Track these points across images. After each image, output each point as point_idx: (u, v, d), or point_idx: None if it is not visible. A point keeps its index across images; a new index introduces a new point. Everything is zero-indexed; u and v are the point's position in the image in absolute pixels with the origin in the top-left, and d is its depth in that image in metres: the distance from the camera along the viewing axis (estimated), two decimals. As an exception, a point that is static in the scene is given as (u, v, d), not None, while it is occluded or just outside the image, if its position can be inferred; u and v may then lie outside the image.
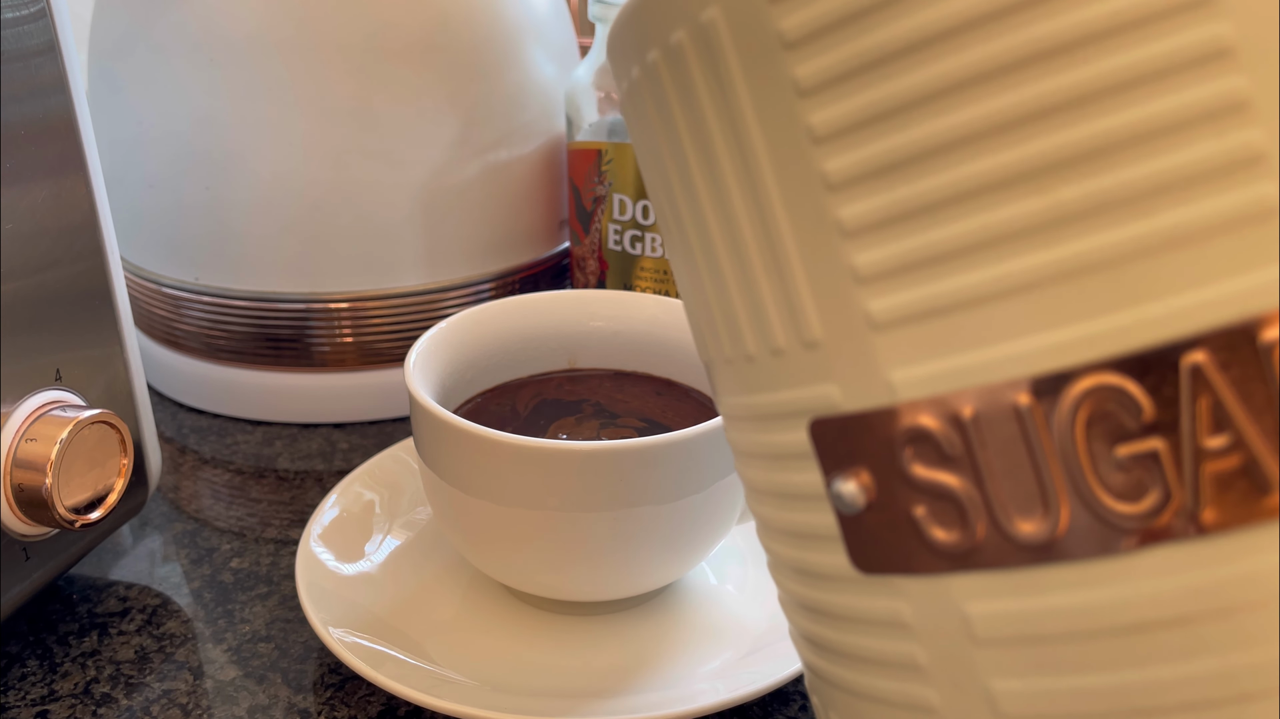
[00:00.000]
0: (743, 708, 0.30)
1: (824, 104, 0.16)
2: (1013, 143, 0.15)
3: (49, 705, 0.30)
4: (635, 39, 0.19)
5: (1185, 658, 0.15)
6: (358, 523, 0.36)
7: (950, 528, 0.16)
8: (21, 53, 0.29)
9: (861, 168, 0.16)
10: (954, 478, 0.16)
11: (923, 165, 0.15)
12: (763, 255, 0.18)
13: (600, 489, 0.29)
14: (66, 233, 0.31)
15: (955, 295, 0.16)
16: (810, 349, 0.18)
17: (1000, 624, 0.16)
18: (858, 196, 0.16)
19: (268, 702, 0.31)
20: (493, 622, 0.33)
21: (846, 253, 0.16)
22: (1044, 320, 0.15)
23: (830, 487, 0.18)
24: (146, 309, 0.47)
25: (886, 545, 0.17)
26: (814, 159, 0.17)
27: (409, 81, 0.43)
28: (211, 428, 0.46)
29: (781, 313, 0.18)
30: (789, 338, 0.18)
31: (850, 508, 0.17)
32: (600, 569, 0.30)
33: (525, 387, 0.37)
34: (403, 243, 0.44)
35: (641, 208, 0.44)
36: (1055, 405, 0.15)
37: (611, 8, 0.43)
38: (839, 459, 0.17)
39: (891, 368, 0.16)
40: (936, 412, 0.16)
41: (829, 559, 0.18)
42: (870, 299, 0.16)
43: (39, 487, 0.29)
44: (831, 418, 0.17)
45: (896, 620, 0.17)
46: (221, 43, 0.42)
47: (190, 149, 0.43)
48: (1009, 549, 0.16)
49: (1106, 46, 0.14)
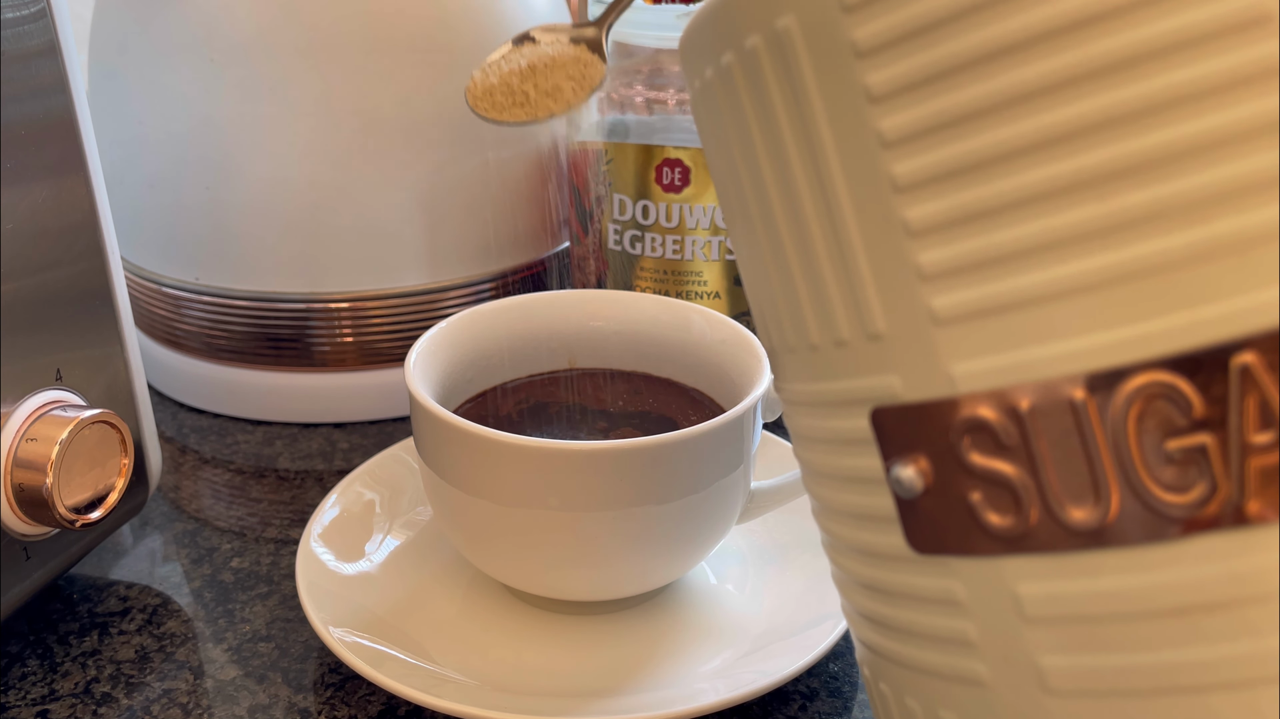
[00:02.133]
0: (743, 707, 0.30)
1: (893, 110, 0.17)
2: (1076, 151, 0.16)
3: (49, 705, 0.31)
4: (710, 41, 0.20)
5: (1227, 640, 0.15)
6: (358, 522, 0.36)
7: (1004, 513, 0.17)
8: (22, 53, 0.29)
9: (928, 172, 0.17)
10: (1010, 466, 0.17)
11: (987, 171, 0.16)
12: (829, 252, 0.19)
13: (600, 489, 0.29)
14: (67, 233, 0.31)
15: (1016, 295, 0.16)
16: (873, 341, 0.18)
17: (1050, 604, 0.17)
18: (924, 199, 0.17)
19: (268, 701, 0.31)
20: (493, 621, 0.33)
21: (911, 252, 0.17)
22: (1101, 320, 0.16)
23: (889, 472, 0.18)
24: (147, 309, 0.47)
25: (942, 528, 0.18)
26: (882, 162, 0.17)
27: (409, 81, 0.43)
28: (212, 428, 0.46)
29: (846, 307, 0.19)
30: (853, 330, 0.19)
31: (908, 492, 0.18)
32: (600, 569, 0.30)
33: (525, 387, 0.37)
34: (403, 243, 0.44)
35: (641, 208, 0.44)
36: (1109, 400, 0.16)
37: (611, 8, 0.43)
38: (898, 446, 0.18)
39: (952, 361, 0.17)
40: (995, 404, 0.17)
41: (886, 540, 0.19)
42: (933, 296, 0.17)
43: (39, 486, 0.29)
44: (892, 407, 0.18)
45: (950, 599, 0.18)
46: (221, 43, 0.42)
47: (190, 149, 0.43)
48: (1061, 534, 0.17)
49: (1171, 61, 0.15)
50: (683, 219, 0.43)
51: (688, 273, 0.44)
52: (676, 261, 0.44)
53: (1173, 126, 0.15)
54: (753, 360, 0.33)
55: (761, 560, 0.35)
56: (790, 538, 0.36)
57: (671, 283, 0.45)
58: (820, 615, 0.31)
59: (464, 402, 0.35)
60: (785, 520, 0.37)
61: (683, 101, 0.43)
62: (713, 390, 0.36)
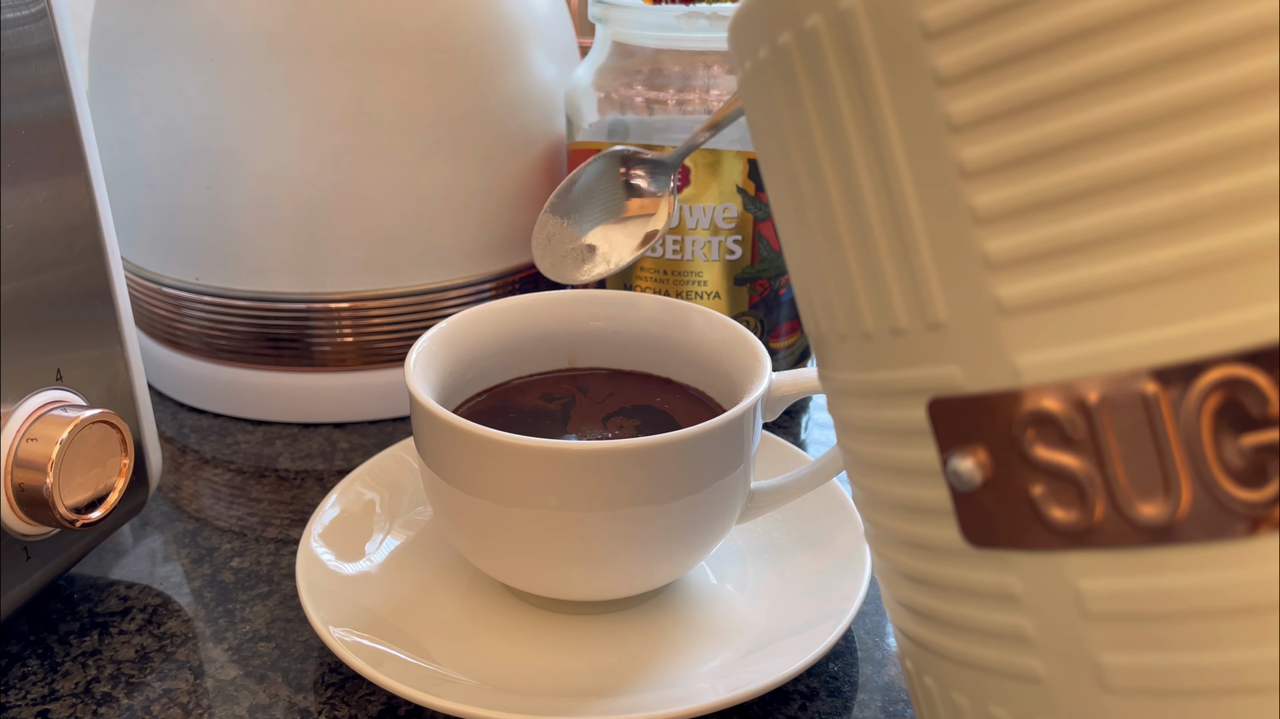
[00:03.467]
0: (743, 707, 0.30)
1: (963, 94, 0.16)
2: (1153, 139, 0.15)
3: (50, 705, 0.31)
4: (766, 20, 0.20)
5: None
6: (358, 522, 0.36)
7: (1068, 508, 0.17)
8: (22, 53, 0.29)
9: (999, 157, 0.16)
10: (1075, 460, 0.17)
11: (1061, 157, 0.16)
12: (889, 237, 0.18)
13: (600, 489, 0.29)
14: (67, 233, 0.31)
15: (1087, 285, 0.16)
16: (933, 330, 0.18)
17: (1112, 601, 0.17)
18: (993, 185, 0.17)
19: (268, 701, 0.31)
20: (493, 621, 0.33)
21: (978, 239, 0.17)
22: (1176, 312, 0.15)
23: (947, 464, 0.18)
24: (147, 309, 0.47)
25: (1000, 522, 0.18)
26: (950, 147, 0.17)
27: (409, 81, 0.43)
28: (212, 427, 0.46)
29: (905, 294, 0.18)
30: (911, 318, 0.18)
31: (966, 485, 0.18)
32: (600, 569, 0.30)
33: (525, 386, 0.37)
34: (403, 243, 0.44)
35: (641, 208, 0.44)
36: (1184, 395, 0.15)
37: (611, 8, 0.43)
38: (957, 437, 0.18)
39: (1018, 352, 0.17)
40: (1061, 396, 0.16)
41: (939, 533, 0.19)
42: (1000, 285, 0.17)
43: (40, 486, 0.29)
44: (952, 398, 0.18)
45: (1006, 594, 0.18)
46: (221, 42, 0.42)
47: (190, 149, 0.43)
48: (1127, 530, 0.16)
49: (1255, 47, 0.14)
50: (683, 219, 0.43)
51: (688, 273, 0.44)
52: (676, 261, 0.44)
53: (1255, 114, 0.15)
54: (753, 360, 0.33)
55: (761, 560, 0.35)
56: (790, 538, 0.36)
57: (671, 283, 0.45)
58: (820, 615, 0.31)
59: (464, 401, 0.35)
60: (785, 520, 0.37)
61: (683, 102, 0.43)
62: (713, 390, 0.36)
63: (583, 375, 0.37)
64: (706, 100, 0.43)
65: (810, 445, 0.45)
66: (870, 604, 0.35)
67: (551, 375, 0.37)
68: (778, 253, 0.44)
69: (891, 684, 0.32)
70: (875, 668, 0.32)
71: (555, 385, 0.37)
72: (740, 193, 0.43)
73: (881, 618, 0.34)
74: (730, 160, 0.42)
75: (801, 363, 0.48)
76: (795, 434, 0.46)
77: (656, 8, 0.42)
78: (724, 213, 0.43)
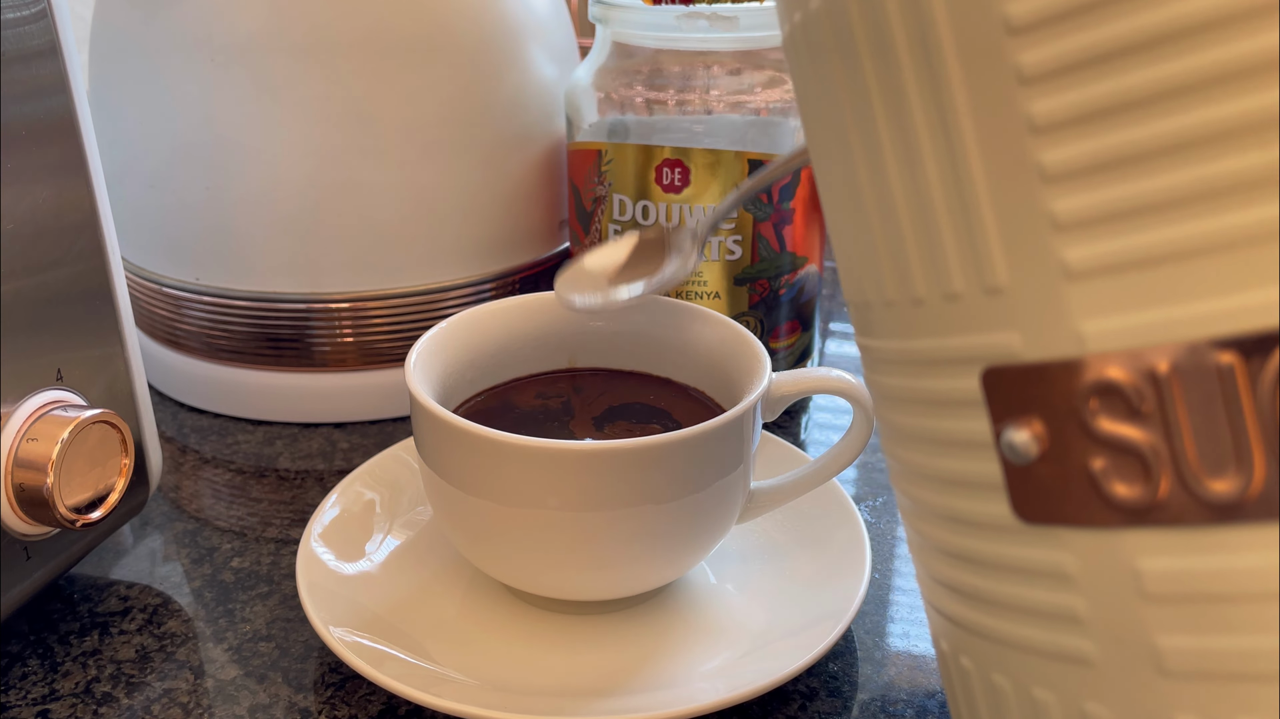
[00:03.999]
0: (742, 707, 0.30)
1: (1036, 44, 0.16)
2: (1236, 93, 0.14)
3: (50, 705, 0.31)
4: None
5: None
6: (358, 522, 0.36)
7: (1131, 483, 0.16)
8: (22, 53, 0.29)
9: (1072, 112, 0.16)
10: (1141, 433, 0.16)
11: (1138, 111, 0.15)
12: (948, 197, 0.17)
13: (600, 489, 0.29)
14: (67, 233, 0.31)
15: (1162, 248, 0.15)
16: (991, 295, 0.17)
17: (1174, 581, 0.16)
18: (1064, 141, 0.16)
19: (268, 701, 0.31)
20: (493, 621, 0.33)
21: (1046, 198, 0.16)
22: (1256, 277, 0.15)
23: (1001, 436, 0.17)
24: (147, 309, 0.47)
25: (1056, 497, 0.17)
26: (1019, 101, 0.16)
27: (409, 82, 0.43)
28: (212, 427, 0.46)
29: (963, 257, 0.18)
30: (968, 283, 0.18)
31: (1021, 458, 0.17)
32: (600, 569, 0.30)
33: (525, 386, 0.37)
34: (403, 243, 0.44)
35: (641, 208, 0.44)
36: (1263, 366, 0.15)
37: (611, 8, 0.43)
38: (1012, 408, 0.17)
39: (1083, 318, 0.16)
40: (1128, 365, 0.16)
41: (987, 508, 0.18)
42: (1067, 247, 0.16)
43: (40, 486, 0.29)
44: (1008, 366, 0.17)
45: (1058, 572, 0.17)
46: (221, 43, 0.42)
47: (190, 149, 0.43)
48: (1194, 507, 0.16)
49: None
50: (683, 219, 0.43)
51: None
52: (676, 261, 0.44)
53: None
54: (753, 360, 0.33)
55: (761, 560, 0.36)
56: (790, 538, 0.36)
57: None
58: (820, 615, 0.31)
59: (464, 401, 0.35)
60: (785, 520, 0.37)
61: (683, 102, 0.43)
62: (713, 390, 0.36)
63: (582, 375, 0.37)
64: (706, 100, 0.43)
65: (810, 445, 0.45)
66: (870, 604, 0.35)
67: (551, 375, 0.37)
68: (778, 253, 0.44)
69: (891, 684, 0.32)
70: (875, 668, 0.32)
71: (555, 385, 0.37)
72: (740, 193, 0.43)
73: (881, 618, 0.34)
74: (730, 160, 0.42)
75: (801, 363, 0.48)
76: (795, 434, 0.46)
77: (656, 8, 0.42)
78: (724, 213, 0.43)
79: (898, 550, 0.38)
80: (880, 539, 0.38)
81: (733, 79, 0.43)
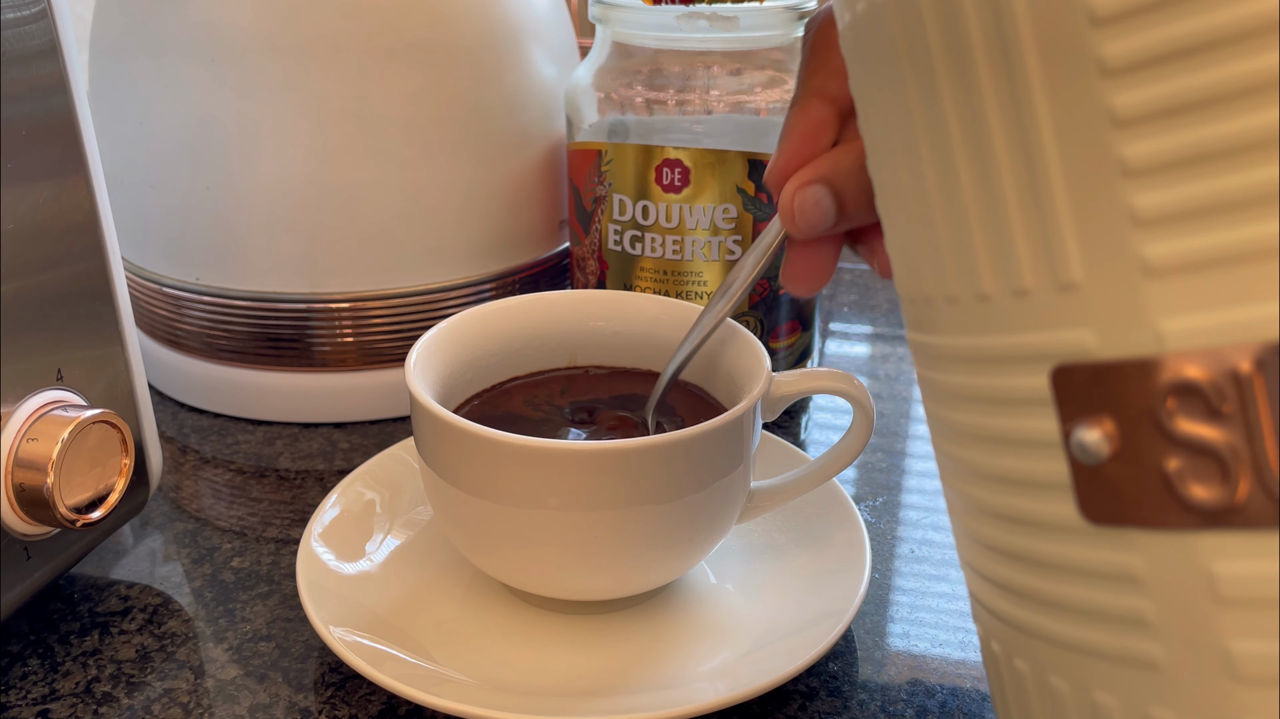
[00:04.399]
0: (742, 707, 0.30)
1: (1119, 36, 0.15)
2: None
3: (50, 704, 0.31)
4: None
5: None
6: (358, 522, 0.36)
7: (1208, 484, 0.16)
8: (22, 53, 0.29)
9: (1156, 105, 0.15)
10: (1220, 433, 0.15)
11: (1225, 106, 0.15)
12: (1020, 192, 0.17)
13: (600, 489, 0.29)
14: (67, 233, 0.31)
15: (1246, 244, 0.15)
16: (1064, 292, 0.17)
17: (1251, 585, 0.16)
18: (1147, 135, 0.15)
19: (269, 700, 0.31)
20: (493, 621, 0.33)
21: (1126, 193, 0.16)
22: None
23: (1070, 435, 0.17)
24: (147, 309, 0.47)
25: (1127, 498, 0.17)
26: (1101, 93, 0.16)
27: (409, 82, 0.43)
28: (212, 427, 0.46)
29: (1035, 253, 0.17)
30: (1040, 279, 0.17)
31: (1091, 458, 0.17)
32: (600, 569, 0.30)
33: (525, 386, 0.37)
34: (403, 243, 0.44)
35: (641, 208, 0.44)
36: None
37: (611, 8, 0.43)
38: (1083, 407, 0.17)
39: (1162, 316, 0.16)
40: (1209, 364, 0.15)
41: (1051, 508, 0.18)
42: (1148, 243, 0.16)
43: (40, 486, 0.29)
44: (1081, 365, 0.17)
45: (1126, 574, 0.17)
46: (221, 43, 0.42)
47: (190, 149, 0.43)
48: (1273, 510, 0.15)
49: None
50: (683, 219, 0.43)
51: (688, 273, 0.44)
52: (676, 262, 0.44)
53: None
54: (753, 360, 0.33)
55: (761, 560, 0.36)
56: (790, 538, 0.36)
57: (671, 283, 0.45)
58: (820, 615, 0.31)
59: (464, 401, 0.36)
60: (785, 520, 0.37)
61: (682, 102, 0.43)
62: (713, 390, 0.36)
63: (583, 375, 0.37)
64: (707, 100, 0.43)
65: (810, 445, 0.45)
66: (870, 604, 0.35)
67: (551, 375, 0.37)
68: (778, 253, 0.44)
69: (891, 684, 0.32)
70: (875, 668, 0.32)
71: (555, 385, 0.37)
72: (740, 193, 0.43)
73: (881, 618, 0.34)
74: (730, 160, 0.42)
75: (801, 363, 0.48)
76: (795, 434, 0.46)
77: (656, 8, 0.42)
78: (724, 213, 0.43)
79: (898, 550, 0.38)
80: (880, 539, 0.38)
81: (733, 79, 0.43)
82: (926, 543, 0.38)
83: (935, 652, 0.33)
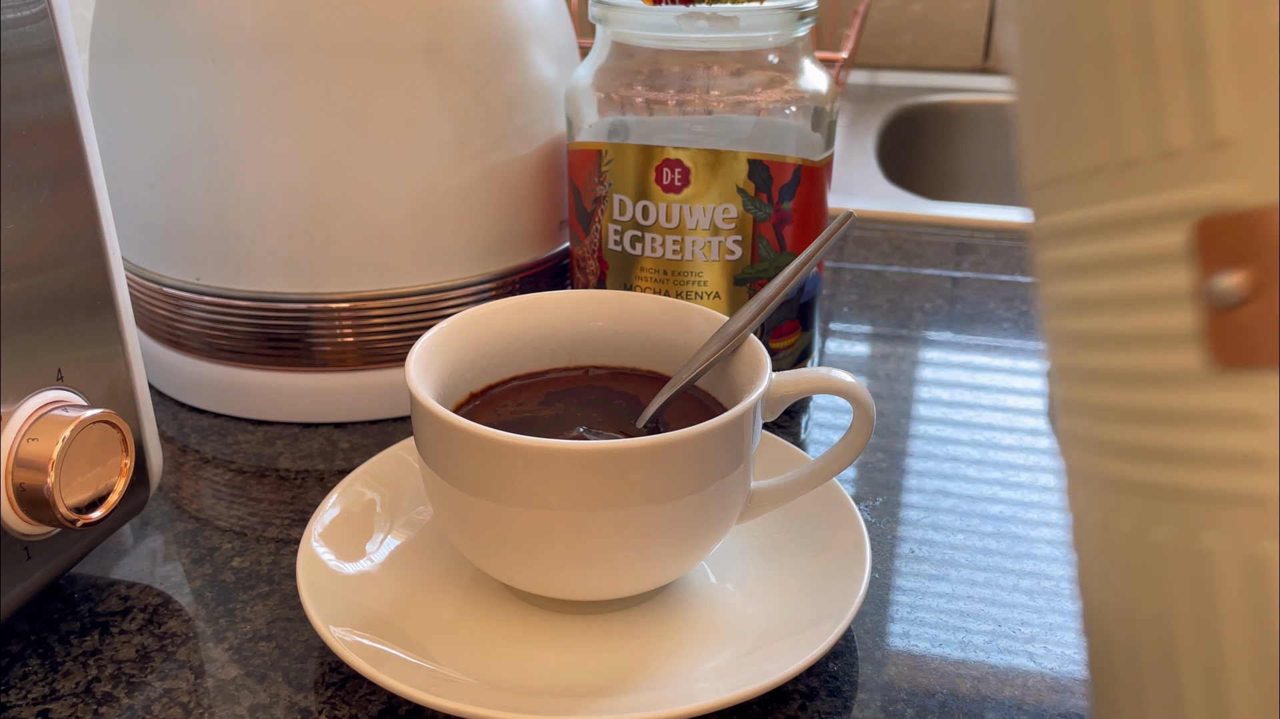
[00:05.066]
0: (743, 707, 0.31)
1: None
2: None
3: (50, 704, 0.31)
4: None
5: None
6: (359, 522, 0.36)
7: None
8: (22, 53, 0.29)
9: None
10: None
11: None
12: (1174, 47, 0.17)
13: (600, 489, 0.29)
14: (67, 233, 0.31)
15: None
16: (1216, 149, 0.17)
17: None
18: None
19: (269, 700, 0.31)
20: (493, 621, 0.33)
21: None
22: None
23: (1209, 282, 0.18)
24: (148, 309, 0.47)
25: (1260, 340, 0.17)
26: None
27: (409, 82, 0.43)
28: (213, 427, 0.46)
29: (1189, 111, 0.17)
30: (1192, 137, 0.18)
31: (1229, 303, 0.17)
32: (600, 569, 0.30)
33: (525, 386, 0.37)
34: (403, 243, 0.44)
35: (641, 208, 0.44)
36: None
37: (611, 8, 0.43)
38: (1225, 255, 0.17)
39: None
40: None
41: (1178, 359, 0.18)
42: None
43: (40, 486, 0.29)
44: (1225, 214, 0.17)
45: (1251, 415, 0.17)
46: (222, 43, 0.42)
47: (190, 149, 0.43)
48: None
49: None
50: (683, 219, 0.43)
51: (688, 273, 0.44)
52: (676, 262, 0.44)
53: None
54: (753, 360, 0.33)
55: (761, 560, 0.36)
56: (790, 538, 0.36)
57: (671, 283, 0.45)
58: (820, 615, 0.31)
59: (464, 401, 0.36)
60: (785, 520, 0.37)
61: (683, 102, 0.43)
62: (713, 390, 0.36)
63: (583, 375, 0.37)
64: (707, 100, 0.43)
65: (810, 445, 0.45)
66: (870, 604, 0.35)
67: (551, 375, 0.37)
68: (778, 253, 0.44)
69: (891, 684, 0.32)
70: (875, 668, 0.32)
71: (555, 385, 0.37)
72: (740, 193, 0.43)
73: (881, 618, 0.34)
74: (730, 160, 0.42)
75: (801, 363, 0.48)
76: (795, 434, 0.46)
77: (656, 8, 0.42)
78: (724, 213, 0.43)
79: (898, 550, 0.38)
80: (880, 539, 0.38)
81: (733, 79, 0.43)
82: (926, 543, 0.38)
83: (935, 652, 0.33)
